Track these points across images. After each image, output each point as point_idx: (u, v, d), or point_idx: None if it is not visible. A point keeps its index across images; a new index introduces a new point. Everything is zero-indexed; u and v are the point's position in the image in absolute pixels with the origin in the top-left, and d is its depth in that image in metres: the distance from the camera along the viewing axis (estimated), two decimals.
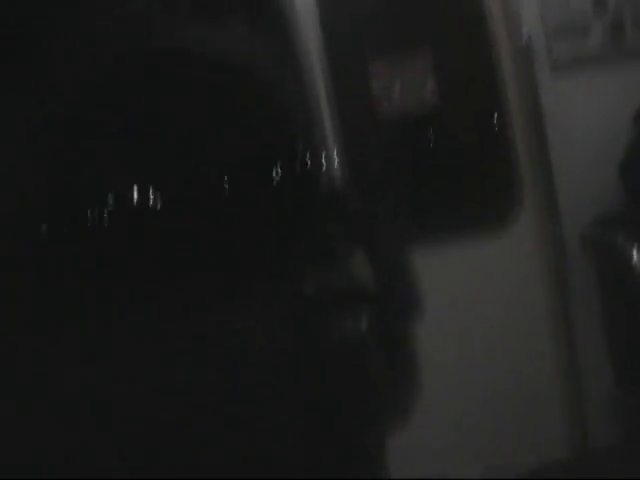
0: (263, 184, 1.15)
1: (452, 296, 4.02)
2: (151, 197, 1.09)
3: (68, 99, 1.14)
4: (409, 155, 4.18)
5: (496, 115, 4.11)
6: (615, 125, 4.00)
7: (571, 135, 4.08)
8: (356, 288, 1.21)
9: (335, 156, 3.91)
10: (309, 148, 1.21)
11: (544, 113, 4.05)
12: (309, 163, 1.20)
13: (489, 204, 4.20)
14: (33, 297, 1.15)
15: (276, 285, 1.18)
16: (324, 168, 1.24)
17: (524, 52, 4.03)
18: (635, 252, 3.72)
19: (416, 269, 1.42)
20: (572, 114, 4.09)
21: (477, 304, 4.07)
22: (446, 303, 4.02)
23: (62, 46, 1.17)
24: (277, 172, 1.14)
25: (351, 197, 1.25)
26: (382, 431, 1.35)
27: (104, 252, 1.12)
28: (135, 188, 1.10)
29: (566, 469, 4.08)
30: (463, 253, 4.05)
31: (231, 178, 1.13)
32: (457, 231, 4.08)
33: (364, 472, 1.30)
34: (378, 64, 4.03)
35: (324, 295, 1.18)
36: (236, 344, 1.12)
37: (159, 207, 1.10)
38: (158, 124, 1.13)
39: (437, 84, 4.03)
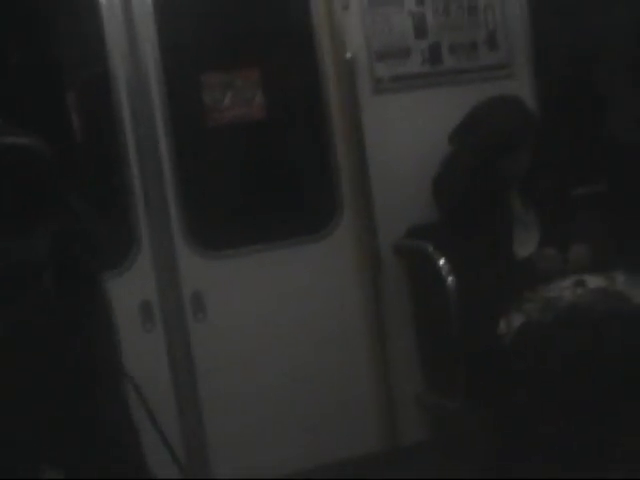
0: None
1: (272, 300, 4.26)
2: None
3: None
4: (237, 164, 4.37)
5: (319, 130, 4.33)
6: (431, 143, 4.24)
7: (390, 151, 4.32)
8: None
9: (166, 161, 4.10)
10: None
11: (365, 129, 4.26)
12: None
13: (310, 213, 4.42)
14: None
15: None
16: None
17: (348, 71, 4.24)
18: (442, 260, 3.95)
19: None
20: (391, 132, 4.33)
21: (296, 309, 4.28)
22: (268, 306, 4.26)
23: None
24: None
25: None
26: None
27: None
28: None
29: (377, 462, 4.35)
30: (285, 259, 4.27)
31: None
32: (279, 239, 4.27)
33: None
34: (210, 77, 4.21)
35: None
36: None
37: None
38: None
39: (265, 98, 4.24)
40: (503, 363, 3.80)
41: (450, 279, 3.90)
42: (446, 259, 3.95)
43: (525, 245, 4.06)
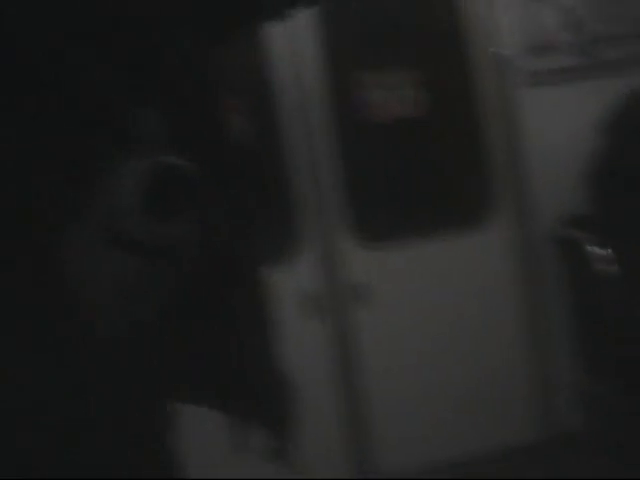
0: None
1: (428, 289, 4.39)
2: None
3: None
4: (396, 159, 4.51)
5: (474, 124, 4.46)
6: (585, 134, 4.29)
7: (544, 143, 4.39)
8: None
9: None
10: None
11: (518, 122, 4.38)
12: None
13: (467, 205, 4.54)
14: None
15: None
16: None
17: (501, 67, 4.38)
18: (597, 249, 4.01)
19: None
20: (546, 124, 4.40)
21: (452, 296, 4.39)
22: (429, 295, 4.39)
23: None
24: None
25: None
26: None
27: None
28: None
29: (531, 453, 4.39)
30: (443, 250, 4.41)
31: None
32: (438, 230, 4.41)
33: None
34: (367, 75, 4.38)
35: None
36: None
37: None
38: None
39: (422, 96, 4.38)
40: None
41: (611, 269, 3.94)
42: (606, 249, 3.99)
43: None
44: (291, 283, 4.13)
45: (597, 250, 4.01)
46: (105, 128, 1.26)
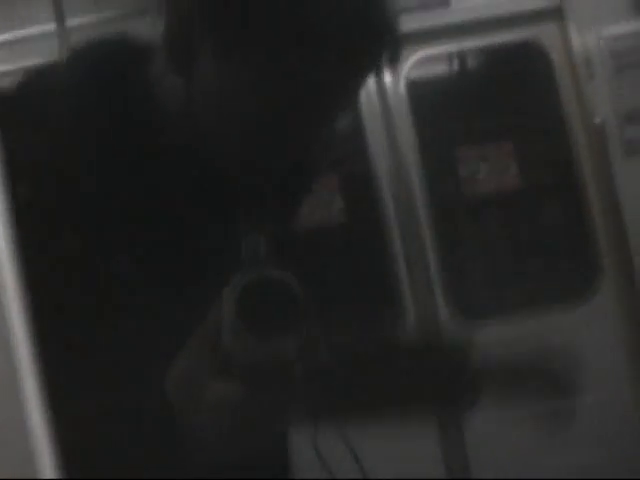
0: None
1: None
2: None
3: None
4: (494, 233, 4.50)
5: (574, 196, 4.42)
6: None
7: None
8: None
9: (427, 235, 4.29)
10: None
11: (619, 191, 4.34)
12: None
13: (569, 280, 4.49)
14: None
15: None
16: None
17: (598, 136, 4.35)
18: None
19: None
20: None
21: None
22: None
23: None
24: None
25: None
26: None
27: None
28: None
29: None
30: (545, 326, 4.32)
31: None
32: (539, 306, 4.37)
33: None
34: (465, 150, 4.42)
35: None
36: None
37: None
38: None
39: (519, 167, 4.39)
40: None
41: None
42: None
43: None
44: None
45: None
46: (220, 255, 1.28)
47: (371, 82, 4.31)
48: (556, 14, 4.40)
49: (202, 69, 1.24)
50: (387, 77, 4.34)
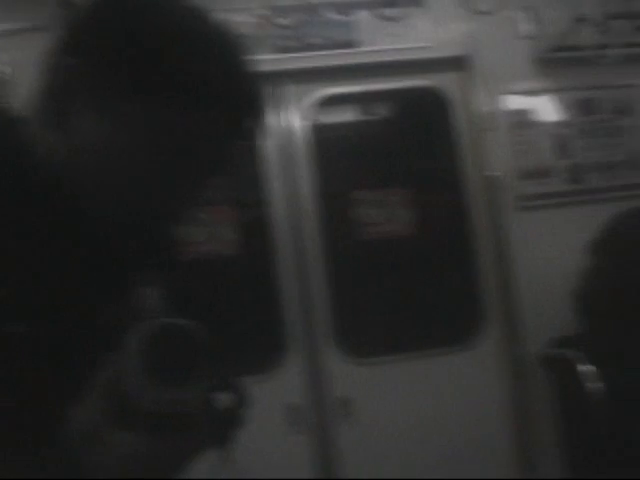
0: None
1: (418, 408, 4.38)
2: None
3: None
4: (384, 276, 4.56)
5: (465, 244, 4.52)
6: (574, 258, 4.34)
7: (534, 265, 4.45)
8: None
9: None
10: None
11: (510, 244, 4.45)
12: None
13: (455, 324, 4.56)
14: None
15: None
16: None
17: (493, 189, 4.48)
18: (586, 368, 4.01)
19: None
20: (535, 247, 4.46)
21: (440, 418, 4.38)
22: (413, 414, 4.37)
23: None
24: None
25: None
26: None
27: None
28: None
29: None
30: (430, 368, 4.41)
31: None
32: (425, 348, 4.43)
33: None
34: (363, 194, 4.48)
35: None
36: None
37: None
38: None
39: (415, 216, 4.48)
40: None
41: (598, 387, 3.94)
42: (595, 367, 3.99)
43: None
44: (275, 393, 4.15)
45: (585, 369, 4.01)
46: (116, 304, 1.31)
47: (274, 118, 4.37)
48: (461, 64, 4.52)
49: (77, 124, 1.27)
50: (291, 116, 4.40)
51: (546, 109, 4.59)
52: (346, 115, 4.69)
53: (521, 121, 4.54)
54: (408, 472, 4.30)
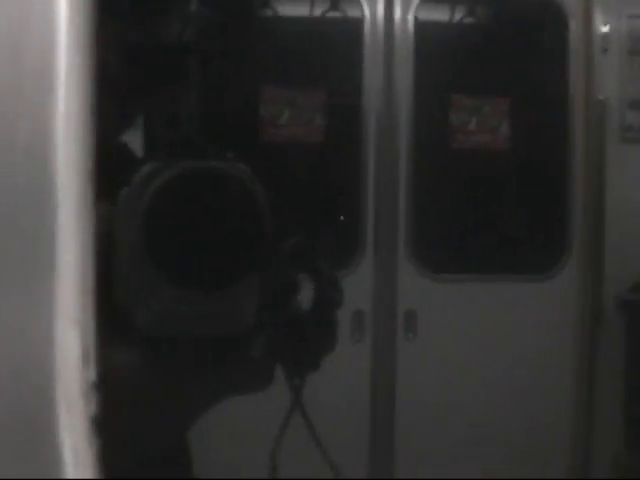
0: None
1: (485, 332, 4.17)
2: None
3: None
4: (474, 191, 4.32)
5: (561, 169, 4.26)
6: None
7: (628, 202, 4.21)
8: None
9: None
10: None
11: (607, 176, 4.20)
12: None
13: (538, 252, 4.34)
14: None
15: None
16: None
17: (598, 115, 4.19)
18: None
19: None
20: (633, 183, 4.23)
21: (506, 345, 4.18)
22: (480, 337, 4.18)
23: None
24: None
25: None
26: None
27: None
28: None
29: None
30: (504, 294, 4.19)
31: None
32: (502, 273, 4.22)
33: None
34: (459, 100, 4.20)
35: None
36: None
37: None
38: None
39: (512, 128, 4.20)
40: None
41: None
42: None
43: None
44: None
45: None
46: None
47: (380, 13, 4.08)
48: None
49: None
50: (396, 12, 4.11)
51: None
52: (454, 15, 4.37)
53: (639, 47, 4.25)
54: (462, 392, 4.13)
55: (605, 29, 4.20)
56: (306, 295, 1.01)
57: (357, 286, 4.03)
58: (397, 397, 4.12)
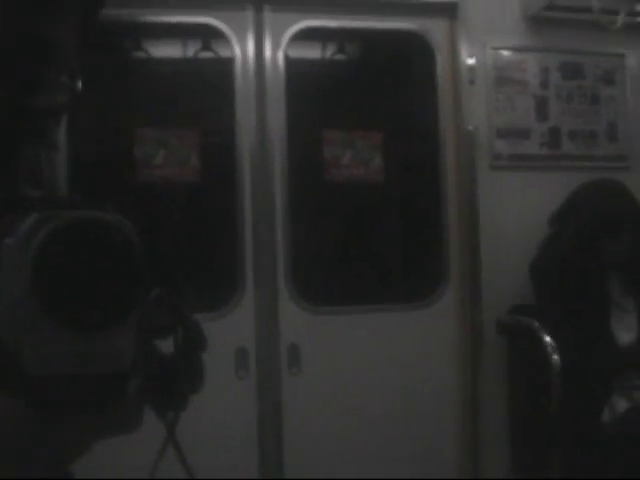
0: None
1: (368, 362, 4.21)
2: None
3: None
4: (349, 223, 4.38)
5: (434, 198, 4.34)
6: (542, 224, 4.24)
7: (501, 227, 4.30)
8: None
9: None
10: None
11: (479, 204, 4.28)
12: None
13: (415, 281, 4.41)
14: None
15: None
16: None
17: (468, 144, 4.29)
18: (547, 338, 3.90)
19: None
20: (504, 209, 4.33)
21: (390, 374, 4.23)
22: (363, 367, 4.22)
23: None
24: None
25: None
26: None
27: None
28: None
29: None
30: (385, 323, 4.25)
31: None
32: (382, 302, 4.27)
33: None
34: (332, 135, 4.26)
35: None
36: None
37: None
38: None
39: (385, 160, 4.28)
40: (602, 450, 3.72)
41: (555, 358, 3.84)
42: (551, 337, 3.90)
43: (627, 330, 4.01)
44: (225, 335, 3.96)
45: (546, 338, 3.91)
46: None
47: (250, 52, 4.14)
48: (449, 11, 4.33)
49: None
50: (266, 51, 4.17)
51: (530, 68, 4.43)
52: (325, 51, 4.45)
53: (504, 77, 4.37)
54: (348, 423, 4.16)
55: (471, 61, 4.32)
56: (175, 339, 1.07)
57: (239, 323, 4.06)
58: (284, 430, 4.14)
